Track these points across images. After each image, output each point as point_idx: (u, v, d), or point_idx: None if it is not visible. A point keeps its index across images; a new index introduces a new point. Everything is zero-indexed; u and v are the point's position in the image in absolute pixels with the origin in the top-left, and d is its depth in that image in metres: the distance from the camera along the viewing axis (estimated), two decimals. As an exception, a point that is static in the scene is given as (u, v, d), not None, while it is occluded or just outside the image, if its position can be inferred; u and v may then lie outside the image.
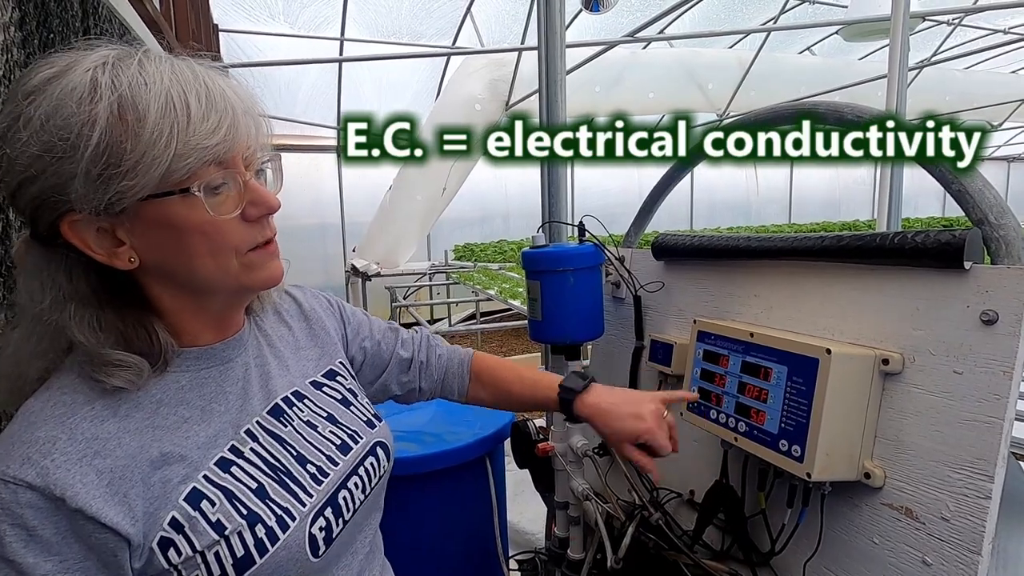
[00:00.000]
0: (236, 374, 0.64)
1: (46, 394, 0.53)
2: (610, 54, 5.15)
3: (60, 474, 0.48)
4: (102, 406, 0.53)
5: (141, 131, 0.48)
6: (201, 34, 3.44)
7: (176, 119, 0.49)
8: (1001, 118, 8.08)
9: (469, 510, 1.49)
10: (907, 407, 0.72)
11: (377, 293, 6.06)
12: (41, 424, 0.51)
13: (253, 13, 5.18)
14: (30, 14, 0.90)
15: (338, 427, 0.71)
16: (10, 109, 0.49)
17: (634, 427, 0.83)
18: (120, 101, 0.48)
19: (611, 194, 8.26)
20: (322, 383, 0.74)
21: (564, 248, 1.12)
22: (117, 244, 0.53)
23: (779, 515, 0.83)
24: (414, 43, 5.76)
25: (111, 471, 0.51)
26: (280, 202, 0.59)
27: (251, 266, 0.57)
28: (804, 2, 5.54)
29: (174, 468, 0.55)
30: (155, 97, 0.49)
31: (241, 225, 0.56)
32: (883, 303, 0.76)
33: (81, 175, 0.48)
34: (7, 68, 0.81)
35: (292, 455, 0.64)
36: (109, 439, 0.52)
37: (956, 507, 0.65)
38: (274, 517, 0.58)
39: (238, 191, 0.55)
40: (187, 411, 0.58)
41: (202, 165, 0.51)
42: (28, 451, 0.49)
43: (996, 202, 0.69)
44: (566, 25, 1.47)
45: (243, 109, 0.54)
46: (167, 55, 0.54)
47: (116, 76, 0.49)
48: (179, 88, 0.50)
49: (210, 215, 0.53)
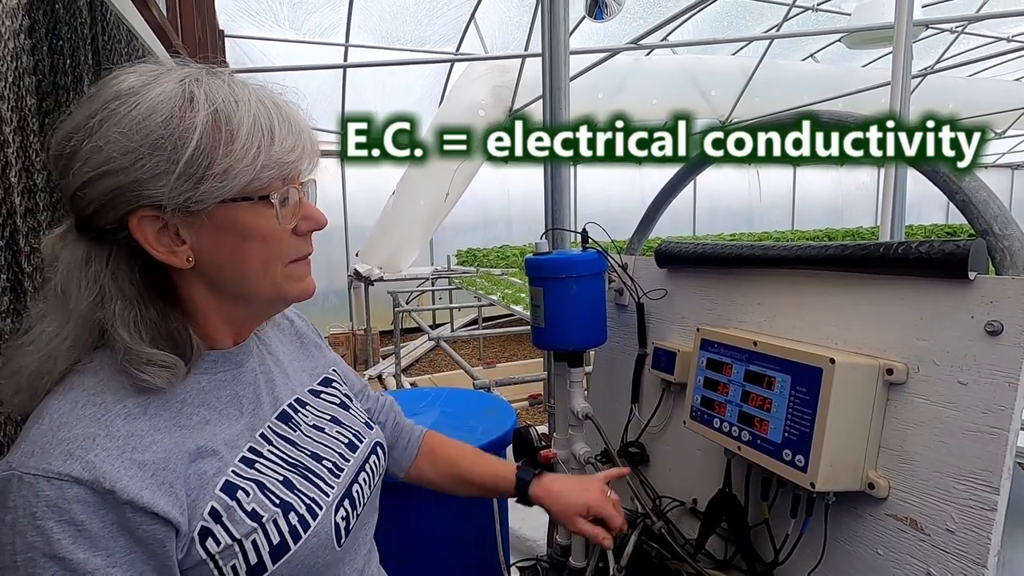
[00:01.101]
0: (247, 379, 0.66)
1: (71, 395, 0.53)
2: (613, 60, 5.16)
3: (106, 467, 0.48)
4: (132, 404, 0.54)
5: (234, 141, 0.54)
6: (207, 39, 3.46)
7: (263, 135, 0.55)
8: (1005, 126, 8.07)
9: (470, 517, 1.49)
10: (911, 417, 0.71)
11: (379, 298, 6.06)
12: (75, 423, 0.51)
13: (258, 19, 5.22)
14: (39, 21, 0.91)
15: (343, 428, 0.74)
16: (98, 107, 0.52)
17: (584, 499, 0.89)
18: (216, 113, 0.54)
19: (614, 200, 8.26)
20: (319, 390, 0.77)
21: (567, 255, 1.12)
22: (178, 243, 0.55)
23: (783, 525, 0.83)
24: (418, 49, 5.79)
25: (153, 464, 0.52)
26: (327, 219, 0.64)
27: (292, 277, 0.61)
28: (807, 10, 5.55)
29: (208, 461, 0.56)
30: (246, 114, 0.55)
31: (291, 237, 0.61)
32: (887, 312, 0.76)
33: (176, 173, 0.52)
34: (17, 74, 0.82)
35: (307, 453, 0.66)
36: (144, 435, 0.53)
37: (961, 519, 0.65)
38: (304, 506, 0.60)
39: (295, 206, 0.60)
40: (208, 412, 0.60)
41: (277, 179, 0.57)
42: (69, 447, 0.48)
43: (1000, 212, 0.68)
44: (570, 32, 1.47)
45: (308, 133, 0.60)
46: (248, 80, 0.59)
47: (210, 91, 0.55)
48: (266, 110, 0.56)
49: (277, 223, 0.58)
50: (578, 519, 0.88)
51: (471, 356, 6.27)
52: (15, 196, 0.80)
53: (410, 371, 5.93)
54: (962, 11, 5.38)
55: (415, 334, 6.59)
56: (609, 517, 0.89)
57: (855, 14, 4.18)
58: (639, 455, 1.17)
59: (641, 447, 1.18)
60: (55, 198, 0.89)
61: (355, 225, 7.10)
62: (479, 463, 0.96)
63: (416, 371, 5.96)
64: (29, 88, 0.86)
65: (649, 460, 1.17)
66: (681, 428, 0.90)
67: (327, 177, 7.14)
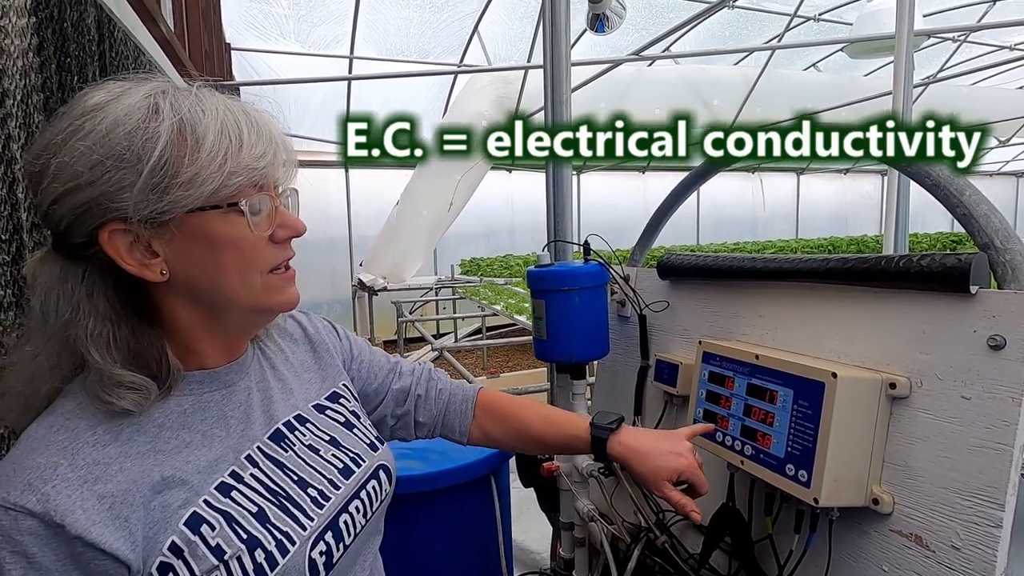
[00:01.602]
0: (238, 398, 0.64)
1: (49, 419, 0.53)
2: (616, 71, 5.19)
3: (60, 500, 0.48)
4: (104, 430, 0.54)
5: (200, 149, 0.53)
6: (214, 53, 3.50)
7: (231, 142, 0.55)
8: (1008, 134, 8.07)
9: (474, 529, 1.48)
10: (915, 432, 0.71)
11: (383, 308, 6.08)
12: (43, 450, 0.51)
13: (265, 32, 5.28)
14: (48, 39, 0.92)
15: (341, 450, 0.71)
16: (65, 124, 0.53)
17: (676, 464, 0.81)
18: (180, 123, 0.53)
19: (618, 209, 8.28)
20: (325, 406, 0.74)
21: (569, 267, 1.13)
22: (151, 256, 0.55)
23: (787, 540, 0.82)
24: (422, 61, 5.84)
25: (112, 495, 0.51)
26: (306, 226, 0.63)
27: (271, 288, 0.60)
28: (809, 20, 5.58)
29: (175, 492, 0.55)
30: (212, 121, 0.54)
31: (269, 245, 0.60)
32: (889, 326, 0.76)
33: (139, 184, 0.52)
34: (25, 92, 0.83)
35: (293, 479, 0.64)
36: (111, 464, 0.52)
37: (966, 535, 0.64)
38: (274, 541, 0.58)
39: (270, 213, 0.59)
40: (189, 435, 0.59)
41: (247, 186, 0.56)
42: (29, 477, 0.49)
43: (1002, 226, 0.68)
44: (572, 43, 1.49)
45: (281, 140, 0.59)
46: (217, 91, 0.59)
47: (176, 101, 0.54)
48: (233, 117, 0.56)
49: (249, 231, 0.57)
50: (667, 486, 0.80)
51: (475, 366, 6.26)
52: (22, 212, 0.81)
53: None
54: (964, 20, 5.40)
55: (419, 344, 6.58)
56: (701, 484, 0.81)
57: (857, 24, 4.20)
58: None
59: (644, 460, 1.17)
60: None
61: (359, 235, 7.13)
62: (551, 424, 0.89)
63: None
64: (37, 105, 0.87)
65: (652, 473, 1.17)
66: (684, 441, 0.90)
67: (331, 187, 7.18)
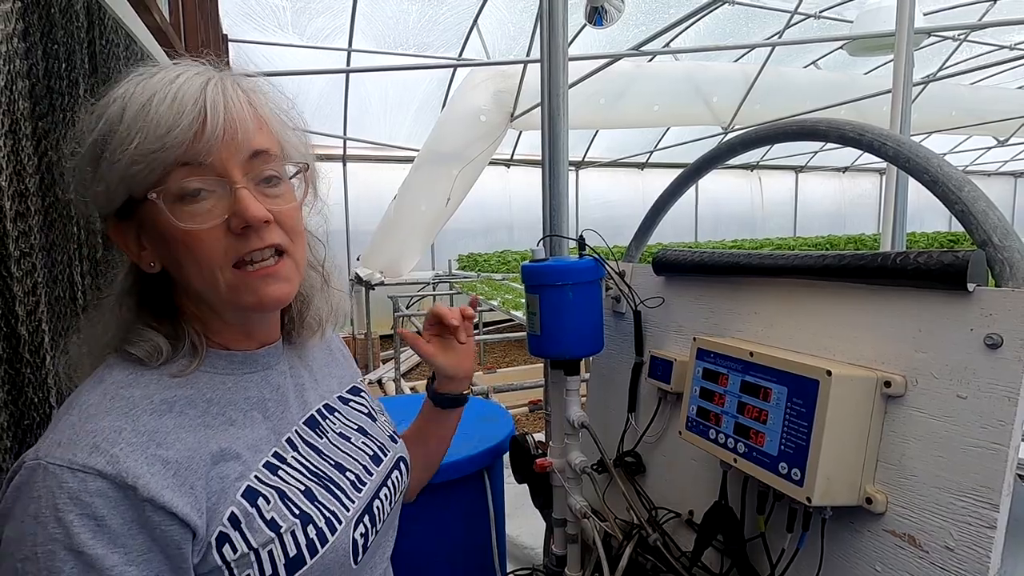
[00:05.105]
0: (275, 382, 0.64)
1: (100, 387, 0.52)
2: (615, 67, 5.17)
3: (130, 463, 0.47)
4: (160, 400, 0.53)
5: (115, 131, 0.51)
6: (210, 44, 3.47)
7: (143, 120, 0.49)
8: (1007, 134, 8.07)
9: (467, 525, 1.48)
10: (909, 431, 0.70)
11: (380, 302, 6.07)
12: (103, 415, 0.50)
13: (262, 24, 5.24)
14: (34, 25, 0.90)
15: (369, 439, 0.72)
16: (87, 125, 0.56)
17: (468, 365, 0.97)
18: (118, 107, 0.52)
19: (615, 205, 8.27)
20: (348, 399, 0.76)
21: (564, 262, 1.11)
22: (141, 248, 0.55)
23: (779, 539, 0.82)
24: (420, 54, 5.81)
25: (176, 462, 0.50)
26: (265, 214, 0.53)
27: (237, 287, 0.55)
28: (809, 17, 5.55)
29: (230, 464, 0.54)
30: (134, 102, 0.50)
31: (226, 237, 0.53)
32: (885, 324, 0.75)
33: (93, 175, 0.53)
34: (9, 78, 0.81)
35: (331, 463, 0.64)
36: (169, 432, 0.52)
37: (960, 536, 0.64)
38: (323, 519, 0.58)
39: (221, 199, 0.52)
40: (233, 413, 0.58)
41: (171, 168, 0.50)
42: (95, 440, 0.47)
43: (1000, 223, 0.67)
44: (571, 39, 1.47)
45: (236, 113, 0.52)
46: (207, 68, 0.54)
47: (129, 85, 0.52)
48: (151, 91, 0.50)
49: (176, 224, 0.51)
50: None
51: (471, 361, 6.25)
52: (5, 200, 0.79)
53: (410, 376, 5.92)
54: (964, 19, 5.38)
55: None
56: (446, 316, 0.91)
57: (857, 21, 4.18)
58: (635, 465, 1.16)
59: (637, 457, 1.16)
60: (47, 202, 0.88)
61: (357, 230, 7.12)
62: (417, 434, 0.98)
63: (416, 376, 5.95)
64: (22, 92, 0.85)
65: (646, 470, 1.16)
66: (677, 438, 0.89)
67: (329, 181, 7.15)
